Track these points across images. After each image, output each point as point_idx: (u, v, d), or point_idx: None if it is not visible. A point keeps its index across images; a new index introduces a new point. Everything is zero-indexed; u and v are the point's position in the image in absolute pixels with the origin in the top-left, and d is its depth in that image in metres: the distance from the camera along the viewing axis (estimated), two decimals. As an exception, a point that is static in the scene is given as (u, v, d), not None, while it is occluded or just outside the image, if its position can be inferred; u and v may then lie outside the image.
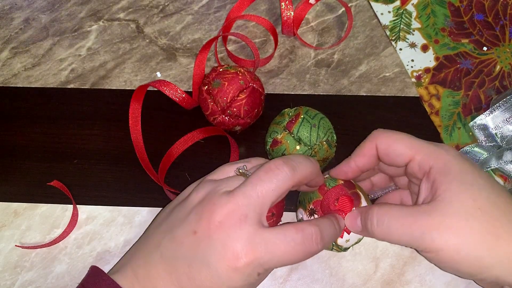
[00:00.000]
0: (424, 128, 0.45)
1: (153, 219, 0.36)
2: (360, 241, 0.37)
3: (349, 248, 0.37)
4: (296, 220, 0.39)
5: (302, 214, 0.37)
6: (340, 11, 0.51)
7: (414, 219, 0.29)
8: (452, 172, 0.30)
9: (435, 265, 0.31)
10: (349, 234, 0.35)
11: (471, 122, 0.44)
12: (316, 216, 0.35)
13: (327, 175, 0.38)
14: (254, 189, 0.30)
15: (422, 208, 0.30)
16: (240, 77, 0.42)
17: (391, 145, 0.33)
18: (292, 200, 0.41)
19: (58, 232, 0.43)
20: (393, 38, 0.49)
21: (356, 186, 0.36)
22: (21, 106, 0.48)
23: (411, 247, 0.31)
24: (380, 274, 0.40)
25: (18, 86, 0.49)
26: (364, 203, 0.35)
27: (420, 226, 0.29)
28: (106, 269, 0.34)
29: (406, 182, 0.37)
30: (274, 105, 0.46)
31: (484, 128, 0.43)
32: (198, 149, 0.45)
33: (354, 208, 0.34)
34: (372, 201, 0.40)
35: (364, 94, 0.47)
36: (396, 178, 0.38)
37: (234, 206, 0.30)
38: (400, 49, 0.48)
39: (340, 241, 0.35)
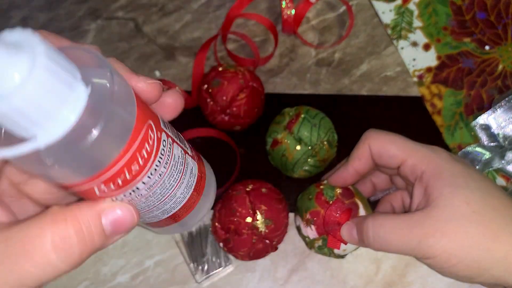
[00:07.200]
0: (426, 127, 0.45)
1: None
2: (357, 249, 0.36)
3: (347, 255, 0.36)
4: (295, 225, 0.38)
5: (300, 222, 0.37)
6: (341, 10, 0.50)
7: (409, 228, 0.29)
8: (444, 176, 0.30)
9: (434, 270, 0.31)
10: (346, 244, 0.34)
11: (473, 122, 0.43)
12: (313, 227, 0.35)
13: (325, 182, 0.37)
14: None
15: (417, 216, 0.30)
16: (240, 76, 0.42)
17: (384, 146, 0.33)
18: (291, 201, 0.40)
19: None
20: (394, 37, 0.48)
21: (355, 193, 0.36)
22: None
23: (409, 256, 0.31)
24: (381, 276, 0.39)
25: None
26: (362, 211, 0.35)
27: (416, 235, 0.29)
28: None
29: (404, 182, 0.37)
30: (274, 105, 0.45)
31: (486, 128, 0.43)
32: (197, 149, 0.45)
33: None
34: (374, 203, 0.39)
35: (365, 94, 0.46)
36: (394, 178, 0.38)
37: None
38: (402, 48, 0.48)
39: (337, 251, 0.35)
